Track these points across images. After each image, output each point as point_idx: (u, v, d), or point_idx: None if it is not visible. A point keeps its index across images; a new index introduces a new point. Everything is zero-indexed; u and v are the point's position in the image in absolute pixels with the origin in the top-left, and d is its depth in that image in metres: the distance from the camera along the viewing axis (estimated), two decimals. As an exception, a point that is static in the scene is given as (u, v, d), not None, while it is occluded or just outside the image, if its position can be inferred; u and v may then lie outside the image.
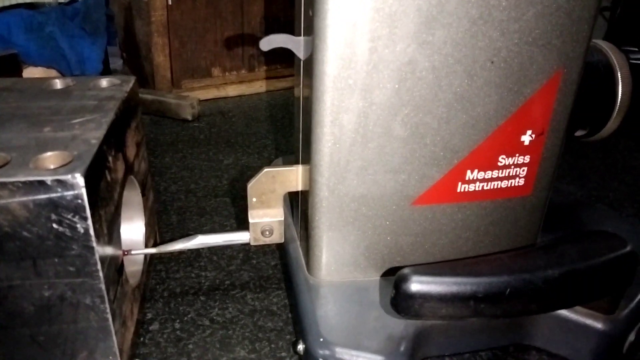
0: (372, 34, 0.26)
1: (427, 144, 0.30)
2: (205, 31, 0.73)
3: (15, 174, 0.23)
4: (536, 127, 0.31)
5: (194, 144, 0.63)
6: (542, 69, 0.29)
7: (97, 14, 0.76)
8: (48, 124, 0.29)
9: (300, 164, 0.34)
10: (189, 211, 0.48)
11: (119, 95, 0.33)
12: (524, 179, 0.33)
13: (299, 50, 0.31)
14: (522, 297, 0.26)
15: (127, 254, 0.32)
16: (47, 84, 0.35)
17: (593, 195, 0.53)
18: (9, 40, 0.69)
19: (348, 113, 0.28)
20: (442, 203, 0.32)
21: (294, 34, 0.32)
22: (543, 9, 0.28)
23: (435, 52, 0.27)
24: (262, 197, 0.34)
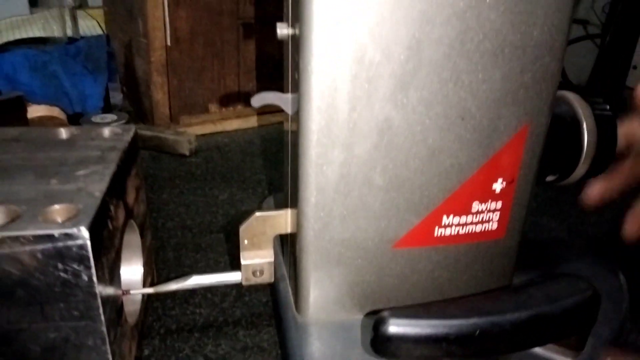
0: (351, 95, 0.29)
1: (405, 192, 0.32)
2: (202, 70, 0.76)
3: (26, 227, 0.26)
4: (507, 176, 0.34)
5: (191, 179, 0.65)
6: (510, 123, 0.32)
7: (99, 53, 0.79)
8: (55, 175, 0.31)
9: (290, 207, 0.36)
10: (185, 247, 0.50)
11: (120, 145, 0.35)
12: (496, 223, 0.35)
13: (287, 106, 0.34)
14: (492, 338, 0.29)
15: (126, 294, 0.34)
16: (53, 134, 0.37)
17: (572, 230, 0.55)
18: (14, 78, 0.72)
19: (331, 165, 0.31)
20: (420, 246, 0.34)
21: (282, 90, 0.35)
22: (509, 70, 0.31)
23: (410, 112, 0.30)
24: (254, 239, 0.36)
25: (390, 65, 0.29)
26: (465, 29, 0.29)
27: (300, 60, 0.29)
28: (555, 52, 0.31)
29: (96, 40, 0.81)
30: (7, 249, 0.26)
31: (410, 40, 0.28)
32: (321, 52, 0.28)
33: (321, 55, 0.28)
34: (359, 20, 0.27)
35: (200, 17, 0.73)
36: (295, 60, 0.30)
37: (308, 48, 0.28)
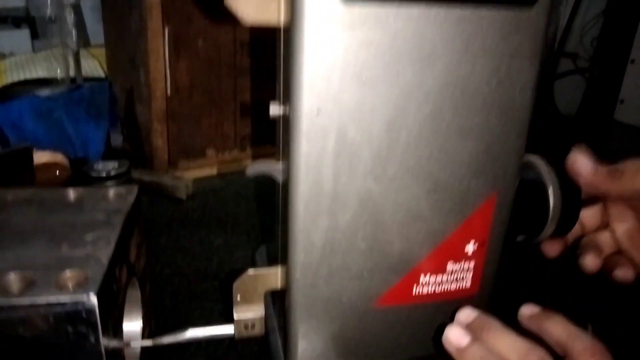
0: (335, 170, 0.32)
1: (385, 254, 0.35)
2: (201, 117, 0.80)
3: (41, 294, 0.29)
4: (478, 239, 0.37)
5: (188, 223, 0.68)
6: (479, 192, 0.35)
7: (102, 99, 0.83)
8: (65, 240, 0.34)
9: (280, 264, 0.39)
10: (181, 295, 0.53)
11: (124, 208, 0.39)
12: (470, 281, 0.38)
13: (278, 175, 0.37)
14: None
15: (127, 347, 0.36)
16: (62, 195, 0.41)
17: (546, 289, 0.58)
18: (20, 125, 0.75)
19: (317, 231, 0.34)
20: (400, 304, 0.37)
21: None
22: (477, 146, 0.34)
23: (388, 184, 0.33)
24: (246, 295, 0.39)
25: (370, 143, 0.32)
26: (436, 111, 0.32)
27: (290, 137, 0.32)
28: (520, 128, 0.35)
29: (99, 87, 0.84)
30: (23, 314, 0.28)
31: (387, 122, 0.32)
32: (308, 131, 0.31)
33: (308, 134, 0.31)
34: (341, 105, 0.31)
35: (199, 68, 0.77)
36: (285, 138, 0.33)
37: (297, 128, 0.31)
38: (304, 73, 0.30)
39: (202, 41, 0.76)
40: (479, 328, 0.33)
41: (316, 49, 0.30)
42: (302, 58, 0.30)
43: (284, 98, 0.34)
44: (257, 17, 0.32)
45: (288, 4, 0.30)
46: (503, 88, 0.33)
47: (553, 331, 0.32)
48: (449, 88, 0.32)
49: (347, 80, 0.31)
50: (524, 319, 0.35)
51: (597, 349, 0.30)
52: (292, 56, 0.30)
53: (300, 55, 0.30)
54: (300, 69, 0.30)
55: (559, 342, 0.31)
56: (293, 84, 0.31)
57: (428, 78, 0.31)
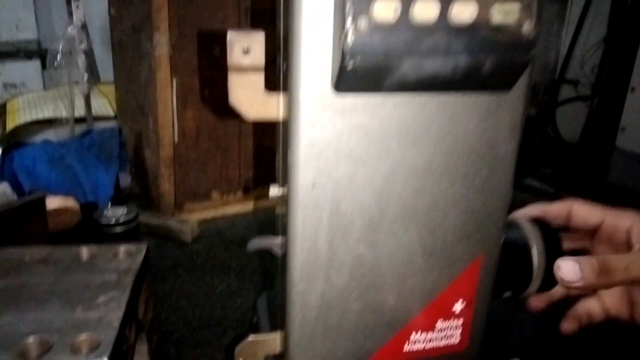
0: (329, 238, 0.35)
1: (377, 314, 0.38)
2: (206, 161, 0.83)
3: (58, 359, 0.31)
4: (465, 297, 0.39)
5: (192, 268, 0.71)
6: (465, 256, 0.38)
7: (111, 144, 0.87)
8: (79, 302, 0.37)
9: (279, 330, 0.41)
10: (185, 343, 0.55)
11: (134, 267, 0.41)
12: (459, 338, 0.40)
13: (277, 250, 0.40)
14: None
15: None
16: (75, 254, 0.43)
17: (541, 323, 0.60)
18: (33, 172, 0.79)
19: (313, 293, 0.36)
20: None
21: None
22: (462, 214, 0.36)
23: (379, 250, 0.36)
24: (247, 359, 0.41)
25: (361, 214, 0.35)
26: (422, 185, 0.35)
27: (288, 210, 0.35)
28: (501, 198, 0.37)
29: (109, 132, 0.88)
30: (41, 377, 0.31)
31: (377, 195, 0.34)
32: (304, 204, 0.34)
33: (304, 208, 0.34)
34: (334, 180, 0.34)
35: (206, 116, 0.80)
36: (284, 212, 0.36)
37: (294, 201, 0.34)
38: (301, 151, 0.33)
39: (209, 90, 0.80)
40: None
41: (311, 131, 0.33)
42: (299, 139, 0.33)
43: (283, 180, 0.37)
44: (258, 115, 0.35)
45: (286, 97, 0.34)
46: (485, 161, 0.36)
47: None
48: (433, 164, 0.35)
49: (339, 159, 0.34)
50: None
51: None
52: (290, 137, 0.33)
53: (297, 136, 0.33)
54: (297, 148, 0.33)
55: None
56: (291, 161, 0.34)
57: (414, 155, 0.34)
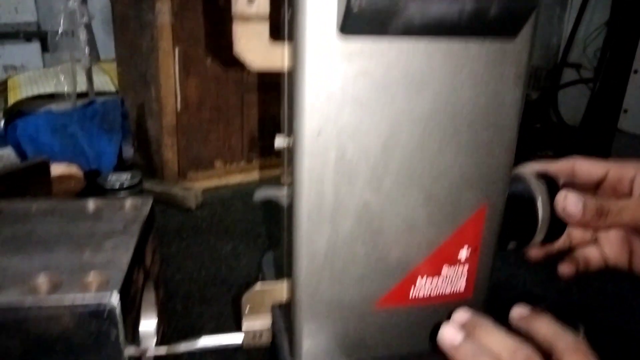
0: (335, 185, 0.35)
1: (383, 260, 0.38)
2: (209, 131, 0.83)
3: (68, 295, 0.31)
4: (470, 245, 0.39)
5: (197, 232, 0.71)
6: (470, 203, 0.38)
7: (114, 114, 0.87)
8: (87, 247, 0.37)
9: (286, 277, 0.42)
10: (192, 299, 0.55)
11: (140, 217, 0.41)
12: (464, 285, 0.41)
13: (283, 199, 0.40)
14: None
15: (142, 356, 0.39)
16: (81, 206, 0.44)
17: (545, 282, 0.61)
18: (37, 140, 0.79)
19: (320, 238, 0.37)
20: (398, 305, 0.40)
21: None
22: (467, 160, 0.37)
23: (384, 196, 0.36)
24: (254, 306, 0.42)
25: (367, 160, 0.35)
26: (428, 131, 0.35)
27: (294, 156, 0.35)
28: (507, 144, 0.37)
29: (111, 102, 0.88)
30: (51, 312, 0.31)
31: (383, 142, 0.35)
32: (310, 150, 0.34)
33: (310, 156, 0.34)
34: (340, 127, 0.34)
35: (208, 85, 0.80)
36: (290, 161, 0.36)
37: (300, 147, 0.34)
38: (306, 98, 0.33)
39: (211, 59, 0.80)
40: (472, 327, 0.35)
41: (317, 77, 0.33)
42: (304, 85, 0.33)
43: (289, 130, 0.37)
44: (263, 64, 0.36)
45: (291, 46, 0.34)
46: (490, 110, 0.36)
47: (540, 330, 0.34)
48: (438, 110, 0.35)
49: (345, 105, 0.34)
50: (514, 321, 0.37)
51: (580, 346, 0.32)
52: (296, 84, 0.33)
53: (303, 82, 0.33)
54: (303, 94, 0.33)
55: (545, 341, 0.34)
56: (297, 108, 0.34)
57: (419, 102, 0.34)
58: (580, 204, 0.38)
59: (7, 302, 0.31)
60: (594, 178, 0.44)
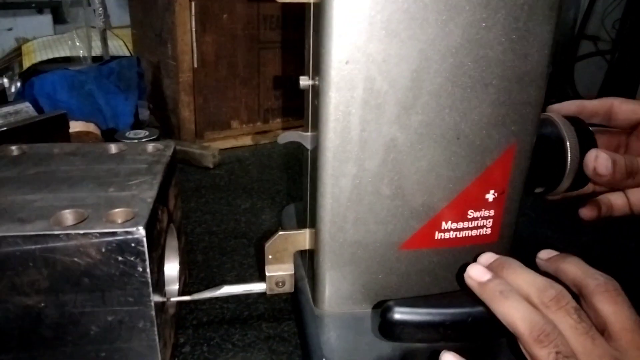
0: (362, 119, 0.34)
1: (409, 200, 0.38)
2: (225, 89, 0.82)
3: (94, 226, 0.31)
4: (498, 188, 0.39)
5: (215, 190, 0.71)
6: (499, 143, 0.37)
7: (130, 73, 0.86)
8: (111, 185, 0.37)
9: (308, 227, 0.41)
10: (212, 251, 0.55)
11: (164, 159, 0.41)
12: (490, 229, 0.40)
13: (307, 143, 0.39)
14: (482, 325, 0.33)
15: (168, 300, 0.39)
16: (104, 149, 0.43)
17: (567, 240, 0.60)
18: (54, 97, 0.79)
19: (345, 177, 0.36)
20: (423, 248, 0.39)
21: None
22: (497, 97, 0.36)
23: (412, 133, 0.35)
24: (277, 254, 0.42)
25: (395, 93, 0.34)
26: (458, 64, 0.34)
27: (320, 88, 0.34)
28: (537, 82, 0.36)
29: (128, 62, 0.87)
30: (78, 243, 0.31)
31: (412, 73, 0.34)
32: (337, 81, 0.33)
33: (337, 83, 0.33)
34: (369, 56, 0.33)
35: (224, 42, 0.79)
36: (314, 107, 0.36)
37: (327, 78, 0.33)
38: (334, 26, 0.32)
39: (227, 15, 0.78)
40: (499, 267, 0.35)
41: (345, 2, 0.32)
42: (332, 12, 0.32)
43: (314, 71, 0.36)
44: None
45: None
46: (522, 41, 0.35)
47: (568, 271, 0.34)
48: (470, 40, 0.34)
49: (374, 33, 0.33)
50: (541, 262, 0.36)
51: (610, 285, 0.32)
52: (323, 10, 0.32)
53: (330, 9, 0.32)
54: (330, 22, 0.32)
55: (574, 281, 0.33)
56: (324, 37, 0.33)
57: (450, 31, 0.33)
58: (610, 164, 0.38)
59: (33, 233, 0.31)
60: (633, 119, 0.42)
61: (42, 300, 0.32)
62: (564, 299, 0.31)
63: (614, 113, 0.43)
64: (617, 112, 0.43)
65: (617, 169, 0.38)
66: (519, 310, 0.31)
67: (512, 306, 0.31)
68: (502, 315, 0.31)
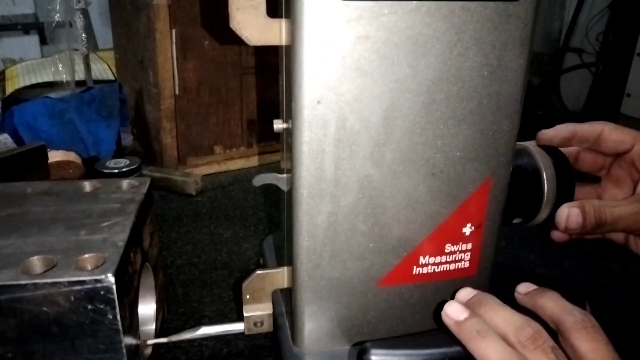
0: (336, 157, 0.34)
1: (385, 236, 0.37)
2: (208, 115, 0.82)
3: (62, 275, 0.31)
4: (474, 221, 0.38)
5: (197, 218, 0.70)
6: (474, 177, 0.37)
7: (111, 100, 0.85)
8: (83, 227, 0.36)
9: (286, 265, 0.41)
10: (192, 284, 0.55)
11: (138, 197, 0.41)
12: (468, 262, 0.40)
13: (283, 185, 0.39)
14: (459, 365, 0.33)
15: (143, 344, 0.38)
16: (77, 187, 0.43)
17: (550, 263, 0.60)
18: (34, 126, 0.78)
19: (320, 215, 0.36)
20: (401, 284, 0.39)
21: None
22: (471, 133, 0.36)
23: (386, 169, 0.35)
24: (254, 294, 0.41)
25: (368, 131, 0.34)
26: (431, 100, 0.34)
27: (293, 131, 0.34)
28: (511, 116, 0.36)
29: (109, 88, 0.87)
30: (46, 292, 0.30)
31: (384, 111, 0.34)
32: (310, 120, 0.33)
33: (310, 122, 0.33)
34: (340, 95, 0.33)
35: (206, 68, 0.79)
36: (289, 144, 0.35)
37: (299, 118, 0.33)
38: (305, 65, 0.32)
39: (208, 42, 0.79)
40: (477, 304, 0.34)
41: (316, 43, 0.32)
42: (302, 52, 0.32)
43: (287, 115, 0.36)
44: (260, 39, 0.35)
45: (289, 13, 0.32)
46: (494, 77, 0.35)
47: (546, 307, 0.34)
48: (442, 78, 0.34)
49: (345, 72, 0.33)
50: (520, 297, 0.36)
51: (588, 322, 0.31)
52: (295, 50, 0.32)
53: (301, 49, 0.32)
54: (301, 62, 0.32)
55: (552, 317, 0.33)
56: (295, 76, 0.33)
57: (422, 69, 0.33)
58: (580, 219, 0.39)
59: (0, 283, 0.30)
60: (621, 148, 0.43)
61: (9, 350, 0.32)
62: (541, 338, 0.31)
63: (603, 140, 0.43)
64: (607, 139, 0.43)
65: (586, 223, 0.39)
66: (495, 350, 0.31)
67: (489, 346, 0.31)
68: (478, 355, 0.31)
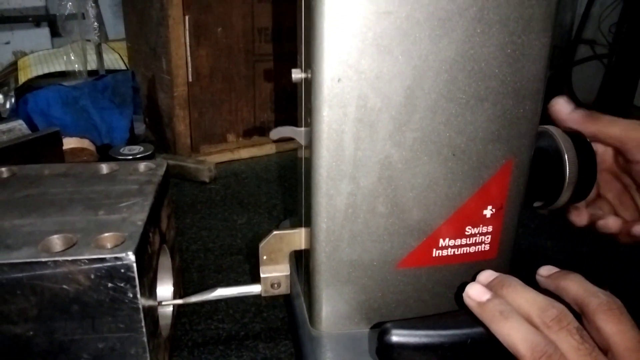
0: (356, 136, 0.34)
1: (405, 218, 0.37)
2: (221, 102, 0.82)
3: (82, 252, 0.31)
4: (495, 203, 0.38)
5: (211, 205, 0.70)
6: (495, 159, 0.36)
7: (125, 88, 0.85)
8: (101, 207, 0.36)
9: (303, 226, 0.41)
10: (207, 269, 0.55)
11: (155, 179, 0.40)
12: (488, 245, 0.39)
13: (301, 138, 0.38)
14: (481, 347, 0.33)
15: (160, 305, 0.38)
16: (95, 169, 0.43)
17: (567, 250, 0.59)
18: (48, 113, 0.78)
19: (339, 195, 0.36)
20: (420, 266, 0.39)
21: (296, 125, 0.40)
22: (493, 113, 0.35)
23: (407, 150, 0.35)
24: (272, 255, 0.41)
25: (389, 111, 0.33)
26: (453, 79, 0.34)
27: (313, 106, 0.34)
28: (533, 96, 0.36)
29: (122, 76, 0.87)
30: (66, 270, 0.30)
31: (406, 89, 0.33)
32: (330, 98, 0.33)
33: (330, 101, 0.33)
34: (361, 73, 0.32)
35: (219, 55, 0.79)
36: (308, 106, 0.35)
37: (319, 96, 0.33)
38: (325, 43, 0.32)
39: (222, 29, 0.78)
40: (499, 285, 0.34)
41: (336, 19, 0.31)
42: (323, 29, 0.32)
43: (306, 64, 0.36)
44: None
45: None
46: (517, 57, 0.34)
47: (570, 289, 0.33)
48: (464, 56, 0.33)
49: (366, 49, 0.32)
50: (541, 279, 0.36)
51: (613, 304, 0.31)
52: (314, 27, 0.32)
53: (321, 26, 0.31)
54: (322, 39, 0.32)
55: (576, 299, 0.32)
56: (314, 53, 0.32)
57: (444, 46, 0.33)
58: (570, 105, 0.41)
59: (20, 261, 0.30)
60: None
61: (30, 328, 0.32)
62: (566, 319, 0.30)
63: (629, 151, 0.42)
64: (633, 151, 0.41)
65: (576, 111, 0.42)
66: (519, 331, 0.30)
67: (513, 327, 0.30)
68: (502, 336, 0.31)
